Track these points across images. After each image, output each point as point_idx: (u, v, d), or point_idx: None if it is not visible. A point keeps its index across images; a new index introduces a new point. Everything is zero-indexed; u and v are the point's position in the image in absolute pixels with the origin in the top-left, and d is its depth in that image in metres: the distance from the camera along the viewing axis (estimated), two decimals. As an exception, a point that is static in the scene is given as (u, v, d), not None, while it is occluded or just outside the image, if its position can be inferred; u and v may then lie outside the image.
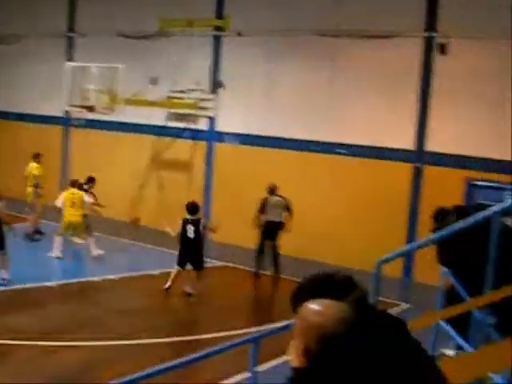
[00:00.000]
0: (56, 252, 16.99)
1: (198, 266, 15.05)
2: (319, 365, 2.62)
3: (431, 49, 16.96)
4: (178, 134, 21.50)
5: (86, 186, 18.25)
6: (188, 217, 14.87)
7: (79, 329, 12.24)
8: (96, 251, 17.14)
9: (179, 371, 7.45)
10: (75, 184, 17.61)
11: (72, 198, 17.27)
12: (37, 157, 19.70)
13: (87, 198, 17.53)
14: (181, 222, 14.88)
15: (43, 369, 10.35)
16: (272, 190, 17.05)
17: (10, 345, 11.19)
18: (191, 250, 14.93)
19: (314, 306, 2.71)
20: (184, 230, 14.80)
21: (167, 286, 14.81)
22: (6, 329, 11.81)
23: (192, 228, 14.79)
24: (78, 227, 17.48)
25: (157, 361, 7.51)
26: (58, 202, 17.30)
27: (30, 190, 19.41)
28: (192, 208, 14.97)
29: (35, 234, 19.15)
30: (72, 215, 17.20)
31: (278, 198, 17.02)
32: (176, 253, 17.11)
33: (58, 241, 17.11)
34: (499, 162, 15.92)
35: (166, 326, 12.85)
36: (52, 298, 13.99)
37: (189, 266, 14.95)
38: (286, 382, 2.72)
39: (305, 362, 2.68)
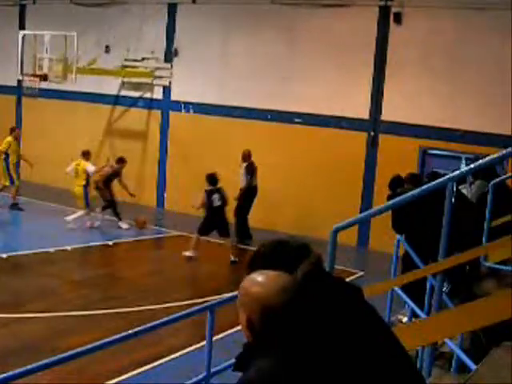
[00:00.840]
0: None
1: (226, 232, 15.45)
2: (261, 340, 2.59)
3: (387, 18, 16.97)
4: (132, 103, 21.32)
5: (116, 167, 18.08)
6: (211, 187, 15.08)
7: (35, 300, 12.13)
8: (73, 222, 17.06)
9: (135, 341, 7.44)
10: (84, 154, 17.56)
11: (76, 168, 17.35)
12: (13, 131, 19.22)
13: (91, 169, 17.40)
14: (204, 193, 15.05)
15: (-1, 341, 10.27)
16: (250, 156, 17.17)
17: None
18: (219, 218, 15.26)
19: (254, 276, 2.67)
20: (210, 201, 15.05)
21: (190, 254, 15.09)
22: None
23: (217, 196, 15.09)
24: (77, 197, 17.47)
25: (114, 331, 7.49)
26: (68, 169, 17.51)
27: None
28: (213, 179, 15.24)
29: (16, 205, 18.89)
30: (74, 185, 17.38)
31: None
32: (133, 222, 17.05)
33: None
34: (453, 131, 16.09)
35: (122, 297, 12.79)
36: (6, 269, 13.84)
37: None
38: (239, 354, 2.70)
39: (249, 335, 2.65)
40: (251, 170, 17.15)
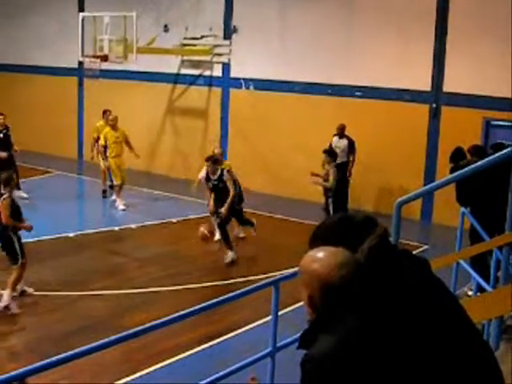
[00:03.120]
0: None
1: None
2: (323, 317, 2.58)
3: (447, -13, 16.65)
4: (192, 81, 21.39)
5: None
6: (337, 162, 14.89)
7: (102, 278, 12.34)
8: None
9: (201, 317, 7.52)
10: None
11: None
12: (104, 113, 18.58)
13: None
14: (334, 168, 14.62)
15: (69, 318, 10.47)
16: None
17: (36, 295, 11.31)
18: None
19: (312, 253, 2.65)
20: (339, 174, 14.84)
21: None
22: (31, 280, 11.93)
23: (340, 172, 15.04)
24: None
25: (179, 307, 7.58)
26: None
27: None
28: (335, 153, 15.07)
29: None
30: None
31: None
32: (197, 200, 17.09)
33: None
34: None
35: (187, 273, 12.93)
36: (73, 248, 14.08)
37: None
38: (304, 330, 2.69)
39: (312, 312, 2.64)
40: (352, 146, 17.00)
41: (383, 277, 2.60)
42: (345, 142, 16.94)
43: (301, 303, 2.68)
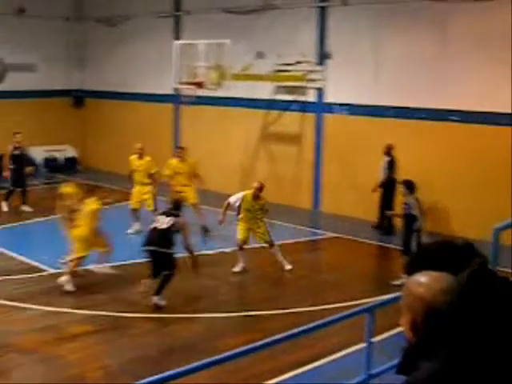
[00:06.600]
0: None
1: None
2: (425, 342, 2.56)
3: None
4: (286, 106, 21.49)
5: None
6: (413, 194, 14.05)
7: (194, 301, 12.46)
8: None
9: (294, 342, 7.49)
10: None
11: None
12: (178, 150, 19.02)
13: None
14: (414, 201, 13.85)
15: (160, 341, 10.62)
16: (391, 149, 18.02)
17: (128, 317, 11.52)
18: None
19: (418, 277, 2.67)
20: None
21: None
22: (125, 302, 12.17)
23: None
24: None
25: (270, 333, 7.58)
26: None
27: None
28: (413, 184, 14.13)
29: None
30: None
31: None
32: (293, 226, 17.09)
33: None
34: None
35: (279, 298, 12.93)
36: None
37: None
38: (401, 355, 2.68)
39: (413, 336, 2.64)
40: (391, 165, 17.62)
41: (484, 304, 2.56)
42: (385, 159, 17.80)
43: (395, 330, 2.67)
